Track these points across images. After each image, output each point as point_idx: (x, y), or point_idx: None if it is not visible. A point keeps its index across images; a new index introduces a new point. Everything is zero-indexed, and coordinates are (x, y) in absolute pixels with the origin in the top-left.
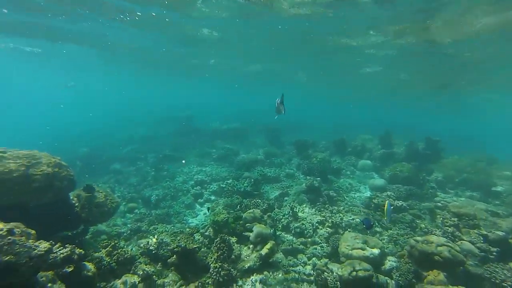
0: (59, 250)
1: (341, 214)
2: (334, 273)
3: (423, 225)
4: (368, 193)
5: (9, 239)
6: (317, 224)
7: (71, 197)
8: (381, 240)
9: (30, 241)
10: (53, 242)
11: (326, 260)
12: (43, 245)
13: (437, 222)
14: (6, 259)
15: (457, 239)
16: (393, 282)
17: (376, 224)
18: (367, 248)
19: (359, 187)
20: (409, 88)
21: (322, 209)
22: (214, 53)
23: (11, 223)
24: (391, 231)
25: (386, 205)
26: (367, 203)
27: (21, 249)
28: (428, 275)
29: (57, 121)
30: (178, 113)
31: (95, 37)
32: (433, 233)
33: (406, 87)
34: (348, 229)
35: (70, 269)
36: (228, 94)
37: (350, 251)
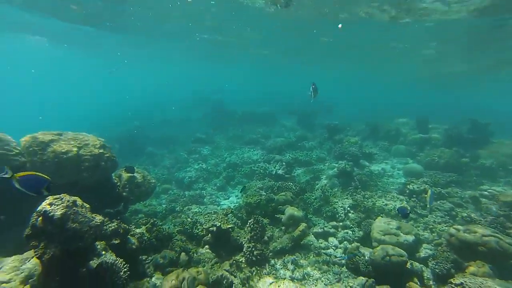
0: (108, 224)
1: (373, 199)
2: (366, 257)
3: (464, 214)
4: (402, 179)
5: (74, 209)
6: (348, 208)
7: (113, 177)
8: (416, 227)
9: (88, 213)
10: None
11: (358, 244)
12: (98, 217)
13: (482, 211)
14: (73, 226)
15: (507, 231)
16: (428, 270)
17: (411, 210)
18: (401, 234)
19: (393, 172)
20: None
21: (354, 194)
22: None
23: (74, 197)
24: (427, 218)
25: (428, 193)
26: (401, 189)
27: (83, 219)
28: (470, 266)
29: (96, 105)
30: (209, 96)
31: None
32: (477, 222)
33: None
34: (381, 215)
35: (116, 242)
36: (259, 77)
37: (382, 236)
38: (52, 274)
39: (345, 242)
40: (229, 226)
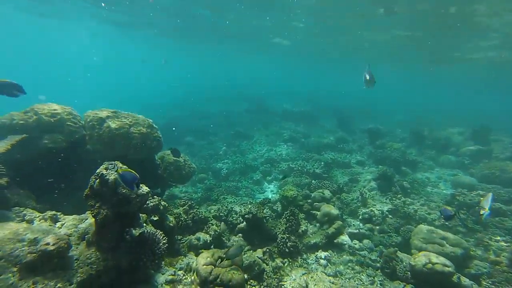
0: (150, 199)
1: (414, 206)
2: (404, 263)
3: None
4: (449, 191)
5: None
6: (387, 213)
7: (156, 159)
8: (465, 241)
9: None
10: None
11: (396, 249)
12: (145, 188)
13: None
14: (124, 191)
15: None
16: None
17: (457, 213)
18: (447, 245)
19: (438, 183)
20: None
21: (394, 199)
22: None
23: (124, 165)
24: (480, 234)
25: (489, 195)
26: (449, 200)
27: None
28: None
29: (141, 93)
30: (250, 91)
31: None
32: None
33: None
34: (423, 223)
35: (155, 218)
36: (300, 76)
37: (424, 244)
38: (103, 233)
39: (381, 246)
40: (265, 215)
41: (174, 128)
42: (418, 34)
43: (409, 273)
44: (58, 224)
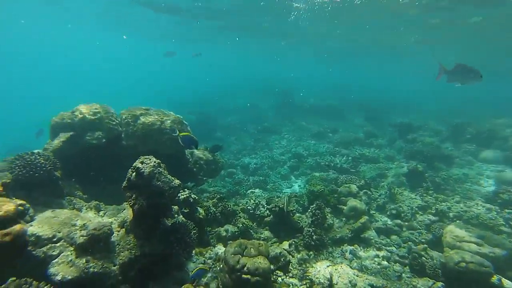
0: (180, 192)
1: (448, 203)
2: (435, 260)
3: None
4: (492, 188)
5: (159, 169)
6: (416, 209)
7: (186, 153)
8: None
9: (168, 175)
10: None
11: (425, 246)
12: (177, 181)
13: None
14: (157, 183)
15: None
16: None
17: (504, 223)
18: (485, 245)
19: (479, 179)
20: None
21: (425, 195)
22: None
23: (158, 159)
24: None
25: None
26: (491, 197)
27: (165, 179)
28: None
29: (168, 88)
30: (277, 86)
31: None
32: None
33: None
34: (458, 221)
35: (186, 210)
36: (328, 69)
37: (458, 243)
38: (140, 222)
39: (410, 242)
40: (292, 208)
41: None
42: None
43: (439, 270)
44: (101, 213)
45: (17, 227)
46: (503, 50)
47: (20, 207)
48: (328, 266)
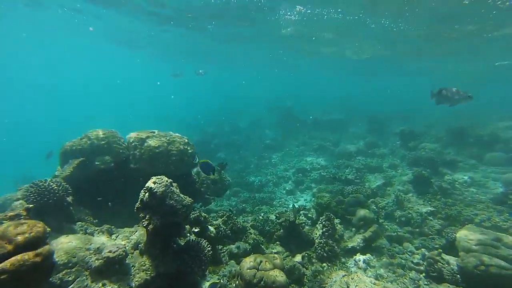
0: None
1: (458, 207)
2: (451, 265)
3: None
4: (499, 189)
5: (171, 189)
6: (426, 215)
7: (193, 174)
8: None
9: (180, 194)
10: None
11: (440, 250)
12: (188, 199)
13: None
14: (171, 202)
15: None
16: None
17: None
18: (502, 247)
19: (485, 182)
20: None
21: (433, 200)
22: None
23: (169, 179)
24: None
25: None
26: (500, 199)
27: (177, 198)
28: None
29: (168, 109)
30: (279, 103)
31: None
32: None
33: None
34: (469, 224)
35: (197, 230)
36: (327, 83)
37: (474, 246)
38: (154, 242)
39: (423, 249)
40: (301, 222)
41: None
42: None
43: (458, 276)
44: (113, 236)
45: (46, 247)
46: None
47: (48, 229)
48: (343, 276)
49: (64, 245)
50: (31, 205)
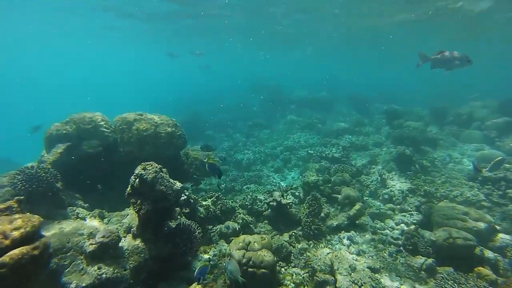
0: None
1: (435, 184)
2: (426, 239)
3: None
4: (473, 166)
5: (161, 174)
6: (407, 192)
7: (181, 155)
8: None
9: (170, 179)
10: None
11: (416, 226)
12: (178, 184)
13: None
14: (160, 188)
15: None
16: (506, 260)
17: (485, 198)
18: (469, 220)
19: (461, 159)
20: None
21: (414, 178)
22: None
23: (159, 165)
24: (506, 207)
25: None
26: (472, 176)
27: (167, 183)
28: None
29: (158, 91)
30: (266, 82)
31: None
32: None
33: None
34: (444, 200)
35: (187, 211)
36: (317, 62)
37: (445, 220)
38: (146, 226)
39: (402, 224)
40: (289, 201)
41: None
42: None
43: (430, 248)
44: (105, 220)
45: (43, 240)
46: None
47: (42, 220)
48: (328, 254)
49: (57, 231)
50: (22, 197)
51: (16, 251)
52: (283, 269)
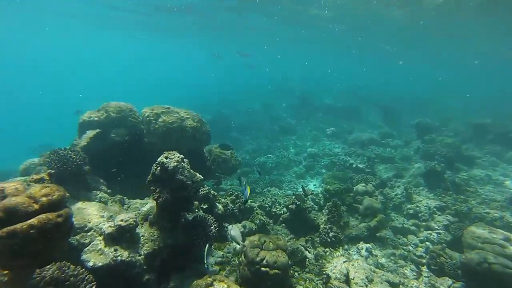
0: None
1: (469, 205)
2: (454, 260)
3: None
4: None
5: (182, 164)
6: (434, 209)
7: (205, 152)
8: None
9: (191, 170)
10: None
11: (444, 245)
12: (198, 175)
13: None
14: (181, 178)
15: None
16: None
17: None
18: (510, 247)
19: (504, 180)
20: None
21: (444, 195)
22: None
23: (181, 155)
24: None
25: None
26: None
27: (188, 173)
28: None
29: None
30: (294, 86)
31: None
32: None
33: None
34: (479, 222)
35: (205, 206)
36: (345, 68)
37: (480, 243)
38: (163, 215)
39: (427, 242)
40: (308, 206)
41: (233, 123)
42: None
43: (459, 271)
44: (125, 207)
45: (66, 209)
46: None
47: (67, 193)
48: (344, 262)
49: (81, 210)
50: (52, 171)
51: (43, 216)
52: (296, 273)
